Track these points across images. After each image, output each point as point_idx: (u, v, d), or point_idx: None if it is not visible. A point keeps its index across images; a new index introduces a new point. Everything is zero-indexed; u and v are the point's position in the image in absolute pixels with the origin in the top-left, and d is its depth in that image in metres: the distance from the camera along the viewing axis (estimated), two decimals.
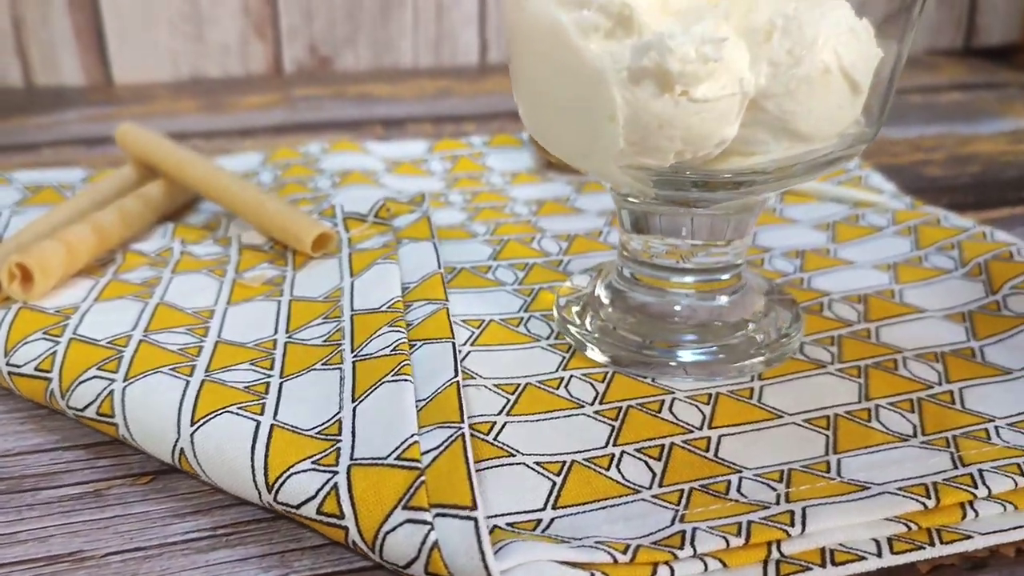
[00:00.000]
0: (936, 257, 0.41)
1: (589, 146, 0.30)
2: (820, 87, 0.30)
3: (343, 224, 0.41)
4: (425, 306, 0.34)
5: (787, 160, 0.31)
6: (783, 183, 0.32)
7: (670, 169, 0.30)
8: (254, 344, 0.33)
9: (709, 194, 0.32)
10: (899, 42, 0.32)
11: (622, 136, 0.29)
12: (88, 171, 0.50)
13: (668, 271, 0.35)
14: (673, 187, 0.32)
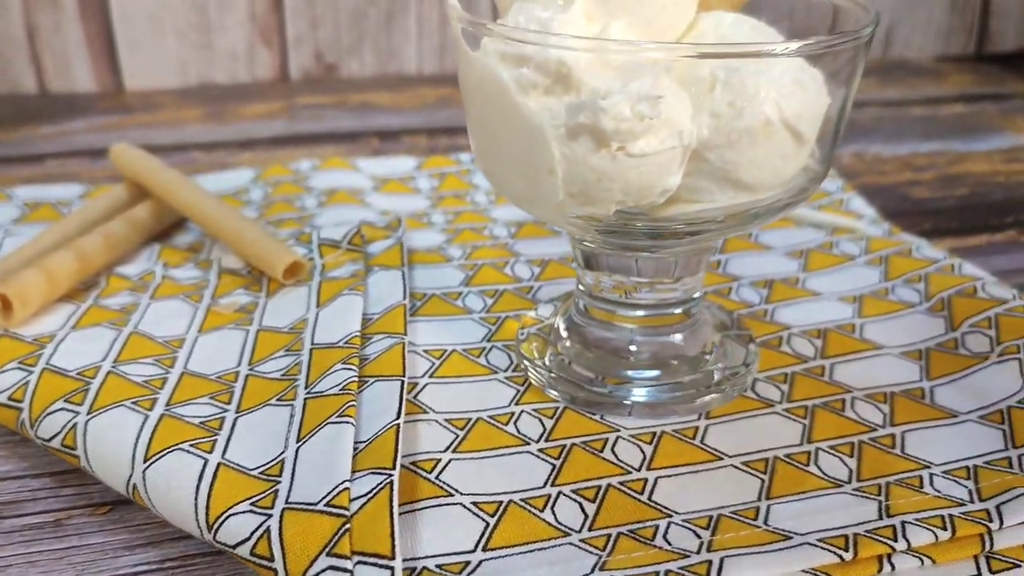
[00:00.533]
0: (903, 290, 0.42)
1: (533, 194, 0.31)
2: (762, 139, 0.30)
3: (318, 250, 0.43)
4: (384, 340, 0.35)
5: (735, 209, 0.32)
6: (734, 231, 0.33)
7: (617, 219, 0.31)
8: (216, 376, 0.34)
9: (659, 242, 0.33)
10: (847, 86, 0.33)
11: (562, 188, 0.30)
12: (86, 187, 0.52)
13: (616, 305, 0.36)
14: (620, 236, 0.33)
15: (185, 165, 0.58)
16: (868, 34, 0.31)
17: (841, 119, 0.33)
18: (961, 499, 0.29)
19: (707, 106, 0.30)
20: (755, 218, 0.33)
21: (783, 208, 0.33)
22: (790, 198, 0.33)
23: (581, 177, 0.30)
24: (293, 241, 0.43)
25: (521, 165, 0.31)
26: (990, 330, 0.37)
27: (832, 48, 0.30)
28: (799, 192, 0.33)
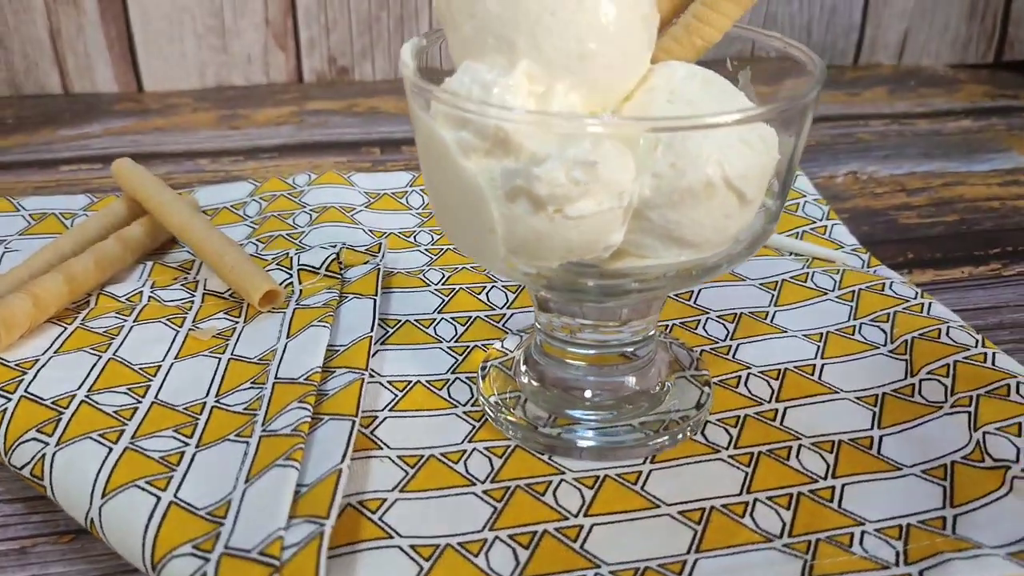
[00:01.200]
0: (869, 329, 0.42)
1: (479, 250, 0.32)
2: (704, 199, 0.31)
3: (297, 276, 0.44)
4: (345, 375, 0.37)
5: (682, 265, 0.32)
6: (686, 285, 0.34)
7: (566, 277, 0.32)
8: (184, 407, 0.36)
9: (609, 298, 0.34)
10: (796, 136, 0.33)
11: (503, 246, 0.31)
12: (90, 198, 0.54)
13: (567, 344, 0.37)
14: (570, 293, 0.33)
15: (190, 174, 0.60)
16: (814, 95, 0.32)
17: (791, 168, 0.33)
18: (887, 562, 0.30)
19: (649, 166, 0.31)
20: (706, 272, 0.33)
21: (734, 260, 0.34)
22: (739, 251, 0.33)
23: (521, 236, 0.30)
24: (275, 264, 0.45)
25: (465, 222, 0.32)
26: (947, 378, 0.37)
27: (773, 115, 0.30)
28: (750, 245, 0.34)
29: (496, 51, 0.31)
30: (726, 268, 0.34)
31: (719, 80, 0.33)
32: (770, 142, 0.32)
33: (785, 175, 0.33)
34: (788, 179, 0.33)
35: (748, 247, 0.34)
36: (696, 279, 0.33)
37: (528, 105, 0.30)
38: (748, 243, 0.34)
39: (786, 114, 0.30)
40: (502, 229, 0.30)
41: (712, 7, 0.35)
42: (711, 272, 0.33)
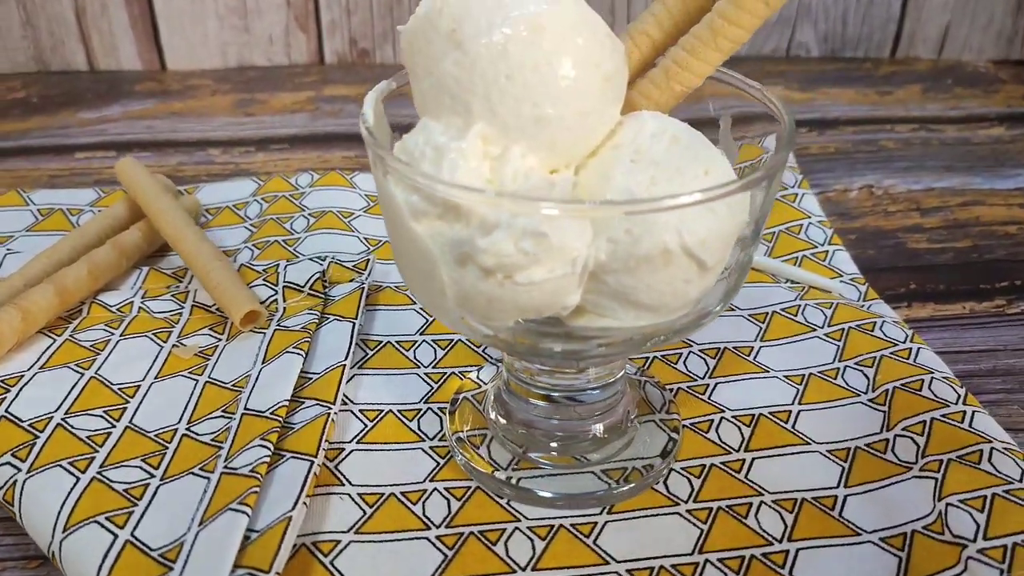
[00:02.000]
0: (852, 373, 0.41)
1: (432, 306, 0.32)
2: (661, 267, 0.30)
3: (281, 293, 0.45)
4: (313, 407, 0.37)
5: (643, 329, 0.32)
6: (653, 346, 0.33)
7: (527, 342, 0.32)
8: (156, 434, 0.37)
9: (572, 361, 0.33)
10: (765, 192, 0.32)
11: (454, 307, 0.31)
12: (98, 193, 0.55)
13: (528, 384, 0.37)
14: (531, 354, 0.33)
15: (200, 165, 0.61)
16: (782, 166, 0.31)
17: (759, 223, 0.32)
18: None
19: (605, 231, 0.30)
20: (674, 334, 0.33)
21: (703, 322, 0.33)
22: (702, 313, 0.33)
23: (472, 299, 0.30)
24: (262, 280, 0.45)
25: (418, 279, 0.32)
26: (921, 436, 0.36)
27: (734, 190, 0.29)
28: (718, 304, 0.33)
29: (452, 112, 0.30)
30: (694, 331, 0.33)
31: (689, 137, 0.32)
32: (736, 207, 0.31)
33: (751, 236, 0.32)
34: (759, 227, 0.33)
35: (719, 303, 0.33)
36: (664, 341, 0.33)
37: (482, 169, 0.29)
38: (713, 306, 0.33)
39: (750, 186, 0.29)
40: (452, 291, 0.30)
41: (692, 53, 0.34)
42: (680, 334, 0.33)
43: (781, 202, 0.53)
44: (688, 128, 0.33)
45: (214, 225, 0.53)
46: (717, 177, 0.32)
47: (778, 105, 0.33)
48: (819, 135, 0.65)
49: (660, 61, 0.35)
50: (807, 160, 0.61)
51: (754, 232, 0.32)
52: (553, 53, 0.29)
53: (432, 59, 0.30)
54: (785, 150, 0.31)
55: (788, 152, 0.31)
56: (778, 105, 0.33)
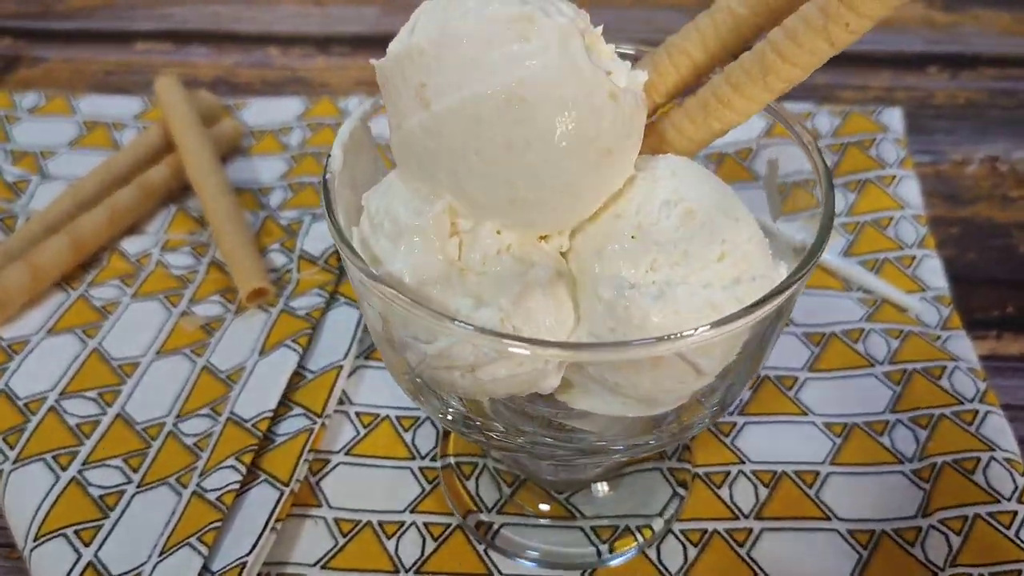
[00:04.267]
0: (902, 433, 0.36)
1: (397, 379, 0.29)
2: (648, 367, 0.26)
3: (296, 263, 0.42)
4: (299, 418, 0.35)
5: (636, 420, 0.28)
6: (656, 444, 0.30)
7: (506, 423, 0.29)
8: (144, 426, 0.36)
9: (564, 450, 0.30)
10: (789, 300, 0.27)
11: (417, 389, 0.28)
12: (144, 103, 0.53)
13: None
14: (511, 450, 0.30)
15: (255, 69, 0.57)
16: (804, 279, 0.25)
17: (781, 318, 0.28)
18: None
19: (587, 324, 0.26)
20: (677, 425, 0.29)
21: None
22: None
23: (439, 384, 0.27)
24: (279, 245, 0.43)
25: (389, 360, 0.29)
26: (958, 537, 0.32)
27: (739, 331, 0.24)
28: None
29: (419, 178, 0.26)
30: (709, 423, 0.29)
31: (709, 209, 0.27)
32: (749, 301, 0.27)
33: (768, 332, 0.27)
34: (780, 322, 0.28)
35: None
36: (657, 445, 0.29)
37: (448, 249, 0.25)
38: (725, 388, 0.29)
39: (764, 310, 0.24)
40: (418, 373, 0.27)
41: (737, 89, 0.28)
42: (677, 437, 0.29)
43: (875, 185, 0.46)
44: (712, 190, 0.27)
45: (256, 152, 0.50)
46: (735, 263, 0.27)
47: (821, 172, 0.27)
48: (950, 79, 0.55)
49: (700, 90, 0.30)
50: (924, 115, 0.52)
51: (770, 329, 0.27)
52: (534, 129, 0.24)
53: (400, 113, 0.26)
54: (814, 254, 0.25)
55: (816, 258, 0.25)
56: (821, 172, 0.27)
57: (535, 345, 0.23)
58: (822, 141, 0.48)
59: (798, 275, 0.25)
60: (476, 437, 0.29)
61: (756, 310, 0.24)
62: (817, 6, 0.26)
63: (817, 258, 0.25)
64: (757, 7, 0.28)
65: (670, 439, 0.29)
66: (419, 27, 0.25)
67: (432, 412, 0.29)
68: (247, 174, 0.49)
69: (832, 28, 0.26)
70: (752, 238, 0.28)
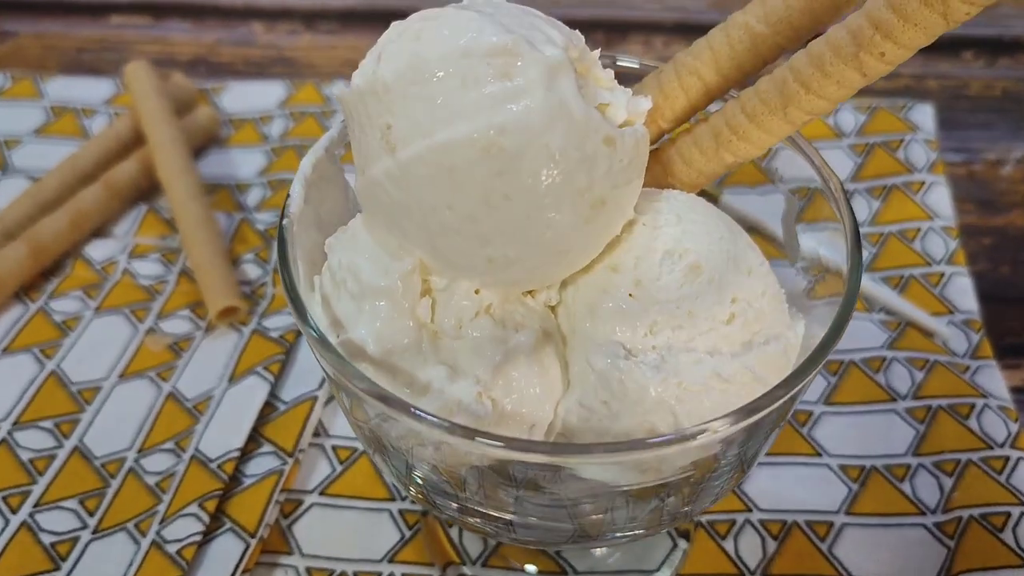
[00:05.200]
0: (925, 480, 0.33)
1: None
2: None
3: (272, 276, 0.39)
4: (268, 457, 0.33)
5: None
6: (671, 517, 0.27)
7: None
8: (103, 461, 0.33)
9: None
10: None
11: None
12: (116, 86, 0.49)
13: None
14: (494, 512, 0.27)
15: (238, 48, 0.54)
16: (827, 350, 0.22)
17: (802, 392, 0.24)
18: None
19: (577, 394, 0.23)
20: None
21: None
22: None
23: (403, 448, 0.24)
24: (253, 255, 0.40)
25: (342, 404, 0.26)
26: None
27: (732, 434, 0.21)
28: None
29: (386, 230, 0.23)
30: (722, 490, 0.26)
31: (716, 262, 0.24)
32: (763, 371, 0.23)
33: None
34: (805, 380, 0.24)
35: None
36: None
37: (417, 311, 0.22)
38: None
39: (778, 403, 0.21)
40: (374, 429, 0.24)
41: (754, 120, 0.25)
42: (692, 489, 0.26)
43: (902, 192, 0.42)
44: (722, 239, 0.24)
45: (234, 143, 0.47)
46: (746, 323, 0.24)
47: (848, 224, 0.24)
48: (986, 66, 0.51)
49: (711, 116, 0.26)
50: (958, 108, 0.48)
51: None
52: (515, 182, 0.21)
53: (364, 155, 0.22)
54: (837, 326, 0.22)
55: (840, 332, 0.22)
56: (848, 224, 0.24)
57: (514, 449, 0.20)
58: (845, 140, 0.44)
59: (813, 365, 0.21)
60: (449, 513, 0.26)
61: (765, 407, 0.21)
62: (848, 31, 0.23)
63: (836, 343, 0.22)
64: (779, 26, 0.25)
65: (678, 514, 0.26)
66: (385, 57, 0.22)
67: (393, 476, 0.26)
68: (223, 168, 0.45)
69: (865, 58, 0.23)
70: (766, 292, 0.24)
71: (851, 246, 0.24)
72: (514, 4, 0.23)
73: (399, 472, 0.25)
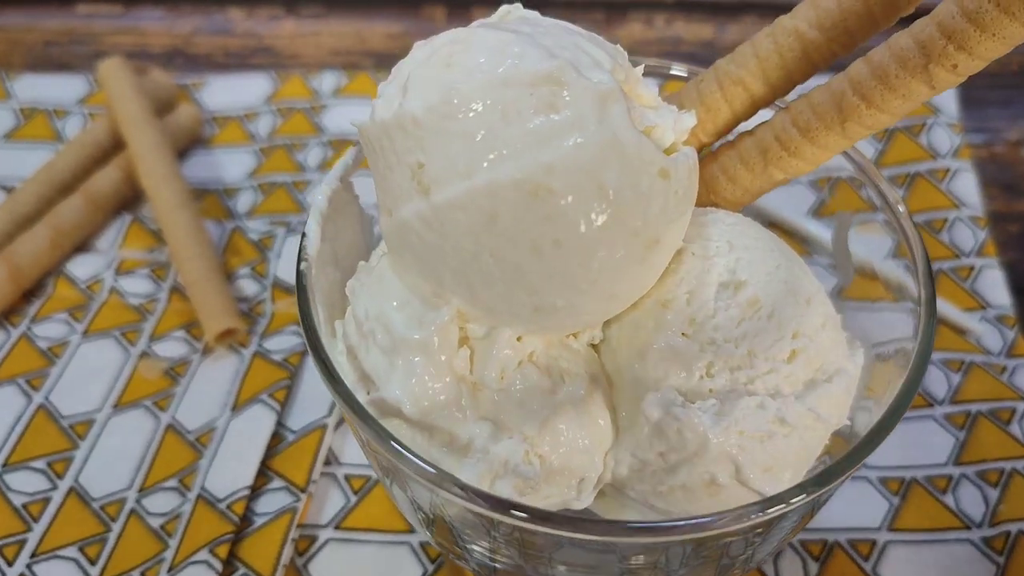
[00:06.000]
0: (968, 491, 0.32)
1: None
2: (704, 496, 0.22)
3: (270, 291, 0.37)
4: (279, 493, 0.31)
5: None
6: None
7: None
8: (102, 503, 0.31)
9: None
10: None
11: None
12: (89, 83, 0.46)
13: None
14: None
15: (216, 37, 0.51)
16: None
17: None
18: None
19: (630, 444, 0.22)
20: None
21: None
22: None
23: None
24: (249, 270, 0.37)
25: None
26: None
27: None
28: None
29: (418, 274, 0.20)
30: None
31: (776, 294, 0.22)
32: (827, 411, 0.22)
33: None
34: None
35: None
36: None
37: (456, 363, 0.20)
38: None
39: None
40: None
41: (807, 135, 0.23)
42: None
43: (926, 180, 0.40)
44: (778, 266, 0.22)
45: (218, 143, 0.44)
46: (808, 360, 0.22)
47: (923, 281, 0.22)
48: None
49: (758, 129, 0.24)
50: (976, 84, 0.46)
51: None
52: (565, 227, 0.18)
53: (391, 194, 0.20)
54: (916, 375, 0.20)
55: (919, 381, 0.20)
56: (923, 281, 0.22)
57: (575, 530, 0.18)
58: None
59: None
60: (478, 558, 0.24)
61: (841, 474, 0.19)
62: (915, 41, 0.21)
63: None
64: (833, 31, 0.23)
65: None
66: (413, 87, 0.19)
67: (414, 514, 0.24)
68: (209, 171, 0.43)
69: (935, 70, 0.21)
70: (826, 323, 0.23)
71: (923, 325, 0.23)
72: (550, 20, 0.20)
73: (420, 509, 0.23)
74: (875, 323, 0.34)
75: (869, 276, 0.27)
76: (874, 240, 0.29)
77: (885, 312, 0.34)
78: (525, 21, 0.20)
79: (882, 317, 0.33)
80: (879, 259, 0.37)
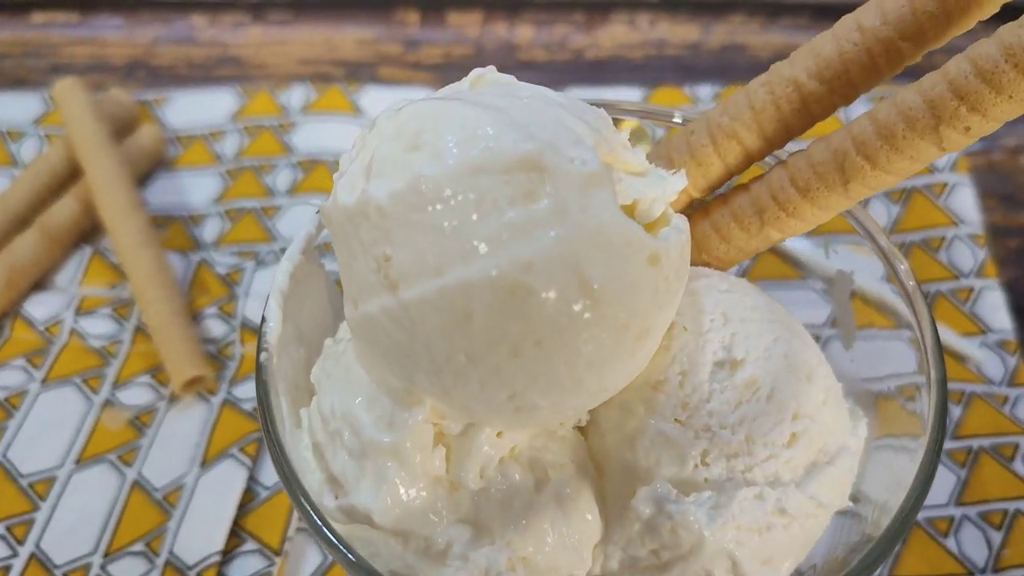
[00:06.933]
0: (970, 533, 0.30)
1: None
2: None
3: (239, 333, 0.35)
4: (252, 556, 0.29)
5: None
6: None
7: None
8: (65, 570, 0.30)
9: None
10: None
11: None
12: (45, 103, 0.44)
13: None
14: None
15: (179, 46, 0.48)
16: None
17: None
18: None
19: (621, 537, 0.20)
20: None
21: None
22: None
23: None
24: (216, 309, 0.36)
25: None
26: None
27: None
28: None
29: (387, 370, 0.19)
30: None
31: (777, 366, 0.20)
32: (829, 496, 0.20)
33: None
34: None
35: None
36: None
37: (431, 464, 0.19)
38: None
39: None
40: None
41: (807, 195, 0.21)
42: None
43: (923, 195, 0.39)
44: (777, 338, 0.21)
45: (182, 164, 0.42)
46: (809, 442, 0.20)
47: (933, 362, 0.21)
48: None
49: (753, 186, 0.22)
50: None
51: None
52: (545, 326, 0.17)
53: (356, 284, 0.18)
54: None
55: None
56: (933, 362, 0.21)
57: None
58: None
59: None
60: None
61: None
62: (924, 100, 0.19)
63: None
64: (834, 82, 0.21)
65: None
66: (377, 170, 0.17)
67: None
68: (173, 196, 0.41)
69: (946, 132, 0.19)
70: (827, 398, 0.21)
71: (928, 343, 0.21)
72: (528, 87, 0.19)
73: None
74: (872, 354, 0.33)
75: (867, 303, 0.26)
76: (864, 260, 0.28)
77: (878, 340, 0.33)
78: (500, 89, 0.18)
79: (878, 346, 0.32)
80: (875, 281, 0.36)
